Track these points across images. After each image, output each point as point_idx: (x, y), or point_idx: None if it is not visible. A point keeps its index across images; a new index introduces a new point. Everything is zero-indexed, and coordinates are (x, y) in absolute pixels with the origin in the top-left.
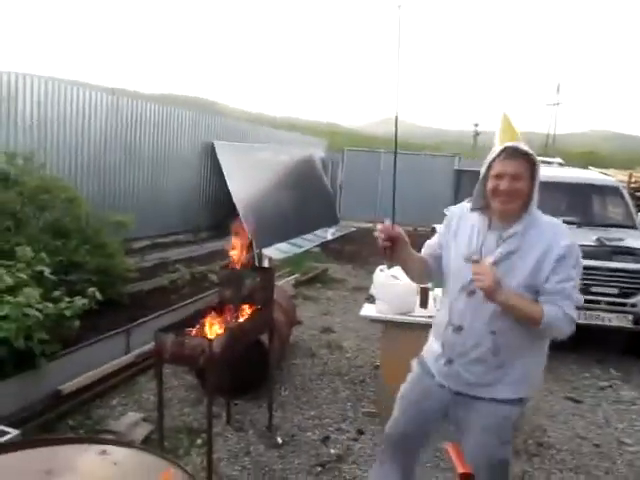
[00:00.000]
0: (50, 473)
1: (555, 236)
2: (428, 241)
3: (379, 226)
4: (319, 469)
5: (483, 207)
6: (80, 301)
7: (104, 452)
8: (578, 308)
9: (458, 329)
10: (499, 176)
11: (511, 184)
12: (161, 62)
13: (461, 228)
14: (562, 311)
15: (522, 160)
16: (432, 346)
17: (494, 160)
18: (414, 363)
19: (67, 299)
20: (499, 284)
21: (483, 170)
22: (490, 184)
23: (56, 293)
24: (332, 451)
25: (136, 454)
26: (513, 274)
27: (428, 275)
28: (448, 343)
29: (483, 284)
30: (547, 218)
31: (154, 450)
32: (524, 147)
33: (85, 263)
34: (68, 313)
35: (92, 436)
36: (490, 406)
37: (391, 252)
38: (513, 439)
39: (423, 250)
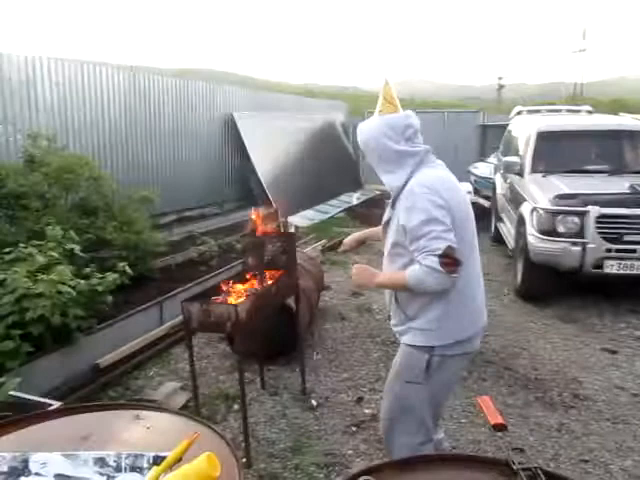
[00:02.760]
0: (86, 439)
1: (406, 201)
2: None
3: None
4: (354, 429)
5: None
6: (111, 276)
7: (138, 417)
8: (612, 258)
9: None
10: None
11: None
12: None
13: None
14: (419, 266)
15: None
16: None
17: None
18: None
19: (99, 275)
20: (368, 276)
21: None
22: None
23: (87, 270)
24: (366, 411)
25: (169, 418)
26: (391, 235)
27: None
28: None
29: (354, 279)
30: (412, 181)
31: (186, 414)
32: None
33: (114, 239)
34: (100, 288)
35: (127, 402)
36: (402, 348)
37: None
38: (423, 382)
39: None
